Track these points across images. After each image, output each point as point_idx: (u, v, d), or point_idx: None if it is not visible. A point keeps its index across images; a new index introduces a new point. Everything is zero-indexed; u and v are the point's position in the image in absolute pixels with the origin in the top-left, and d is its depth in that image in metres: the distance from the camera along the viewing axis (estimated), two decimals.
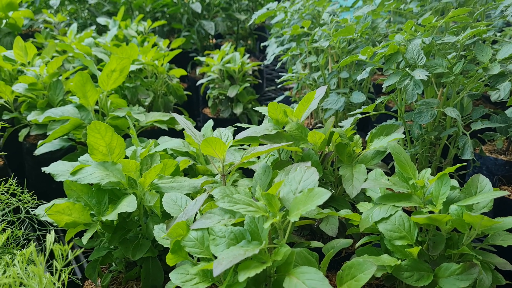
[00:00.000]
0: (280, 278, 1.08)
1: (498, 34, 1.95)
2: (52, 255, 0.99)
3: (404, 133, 1.86)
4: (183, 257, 1.20)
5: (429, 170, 1.28)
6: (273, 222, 1.09)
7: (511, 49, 1.50)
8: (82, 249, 1.25)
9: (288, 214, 1.10)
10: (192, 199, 1.34)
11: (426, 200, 1.26)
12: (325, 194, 1.06)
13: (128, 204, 1.42)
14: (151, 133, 2.52)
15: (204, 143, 1.20)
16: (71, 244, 1.04)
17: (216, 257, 1.04)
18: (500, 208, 1.76)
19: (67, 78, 2.57)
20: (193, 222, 1.19)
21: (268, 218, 1.08)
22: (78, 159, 1.65)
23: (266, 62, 2.61)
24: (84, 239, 1.43)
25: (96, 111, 2.22)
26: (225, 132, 1.39)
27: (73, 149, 2.26)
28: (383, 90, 1.75)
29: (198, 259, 1.22)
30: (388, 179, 1.30)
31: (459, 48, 1.62)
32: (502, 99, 1.83)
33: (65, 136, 2.20)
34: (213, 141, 1.21)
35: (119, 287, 1.59)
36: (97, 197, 1.53)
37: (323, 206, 1.56)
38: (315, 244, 1.34)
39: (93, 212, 1.52)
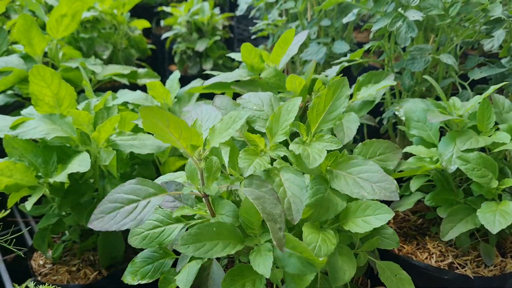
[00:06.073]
0: None
1: None
2: None
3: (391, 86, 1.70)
4: None
5: None
6: None
7: None
8: None
9: None
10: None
11: None
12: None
13: (80, 163, 1.21)
14: (111, 89, 2.26)
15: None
16: None
17: None
18: None
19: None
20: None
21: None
22: (21, 112, 1.41)
23: (238, 13, 2.37)
24: (28, 205, 1.22)
25: (46, 63, 1.95)
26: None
27: (22, 107, 1.99)
28: (371, 36, 1.57)
29: None
30: None
31: None
32: (491, 50, 1.69)
33: (10, 91, 1.93)
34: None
35: (73, 258, 1.39)
36: (43, 155, 1.31)
37: None
38: None
39: (40, 174, 1.30)
